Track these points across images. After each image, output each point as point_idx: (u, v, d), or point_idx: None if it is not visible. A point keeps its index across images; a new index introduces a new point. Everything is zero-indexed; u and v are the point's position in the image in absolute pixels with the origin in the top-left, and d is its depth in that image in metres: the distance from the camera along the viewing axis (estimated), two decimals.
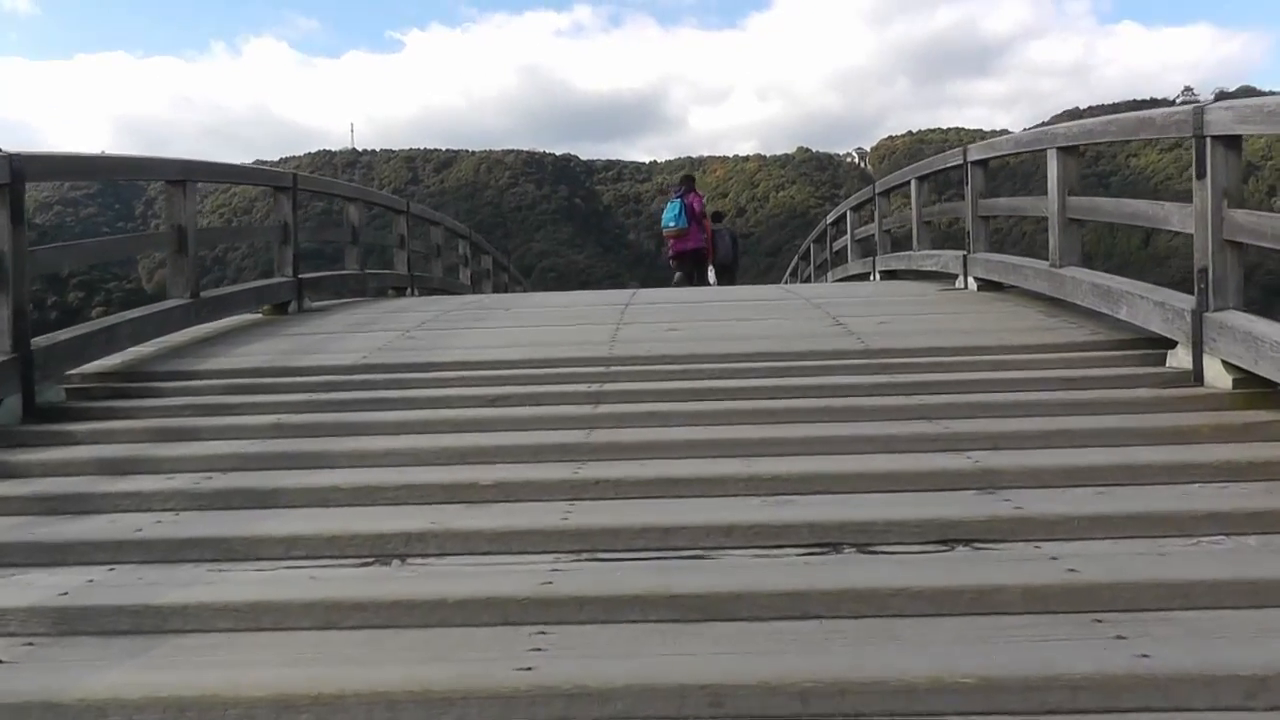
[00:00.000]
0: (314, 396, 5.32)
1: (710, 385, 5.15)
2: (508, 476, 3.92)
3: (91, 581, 3.23)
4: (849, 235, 15.02)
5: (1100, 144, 7.57)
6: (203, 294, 7.41)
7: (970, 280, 8.75)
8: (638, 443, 4.28)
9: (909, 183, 11.26)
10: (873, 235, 13.44)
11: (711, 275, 15.51)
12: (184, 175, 7.17)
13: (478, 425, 4.71)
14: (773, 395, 4.99)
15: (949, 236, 12.69)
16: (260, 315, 8.69)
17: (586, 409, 4.86)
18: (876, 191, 13.08)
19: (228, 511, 3.84)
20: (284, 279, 9.08)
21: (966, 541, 3.20)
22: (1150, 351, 5.42)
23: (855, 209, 15.11)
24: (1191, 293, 5.01)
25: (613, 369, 5.62)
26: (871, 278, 12.75)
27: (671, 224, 14.75)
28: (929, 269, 10.43)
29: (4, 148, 5.31)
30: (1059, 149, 6.83)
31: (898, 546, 3.20)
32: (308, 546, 3.39)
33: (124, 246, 6.96)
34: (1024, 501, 3.46)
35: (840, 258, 16.14)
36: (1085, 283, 6.31)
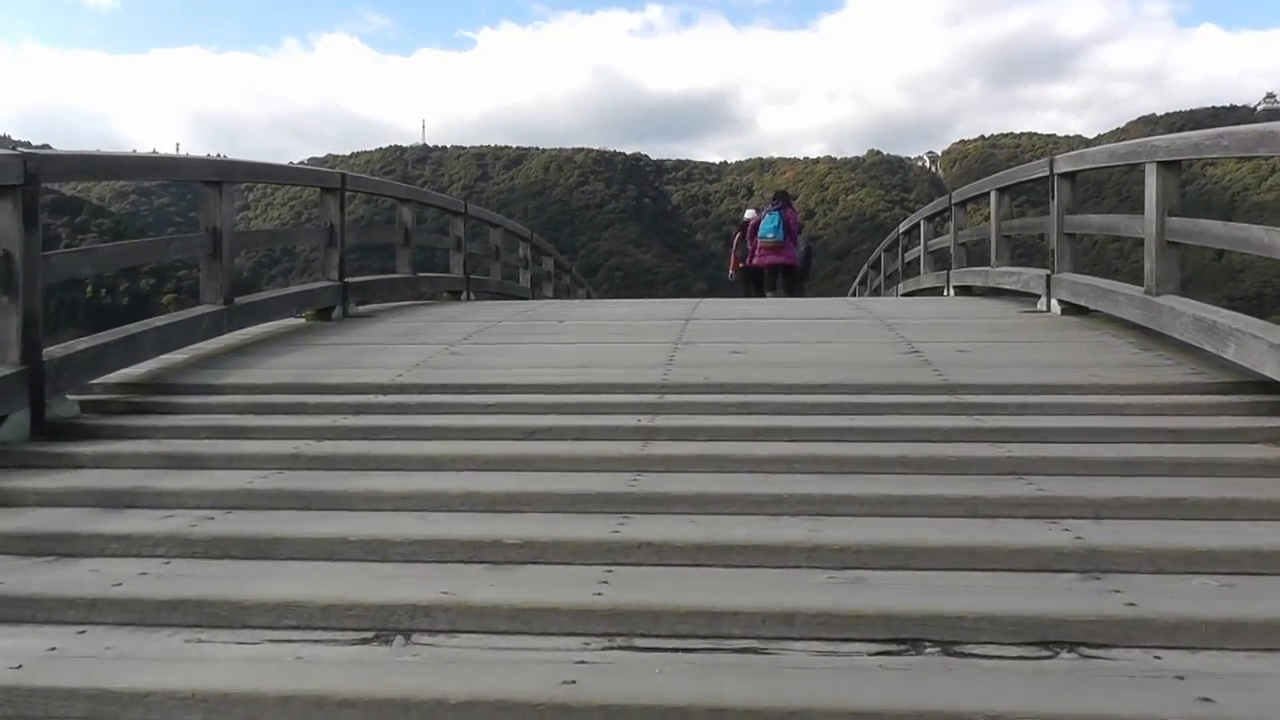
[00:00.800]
0: (339, 421, 4.89)
1: (771, 424, 4.64)
2: (538, 534, 3.45)
3: (53, 650, 2.81)
4: (922, 246, 14.43)
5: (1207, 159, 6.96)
6: (238, 300, 7.03)
7: (1053, 302, 8.16)
8: (688, 495, 3.78)
9: (988, 194, 10.66)
10: (947, 247, 12.85)
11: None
12: (219, 176, 6.80)
13: (512, 463, 4.24)
14: (841, 437, 4.48)
15: (1024, 251, 12.09)
16: (303, 320, 8.33)
17: (634, 447, 4.38)
18: (953, 202, 12.47)
19: (222, 563, 3.41)
20: (329, 283, 8.71)
21: (1071, 646, 2.67)
22: (1263, 399, 4.84)
23: (929, 219, 14.51)
24: None
25: (666, 398, 5.14)
26: (945, 292, 12.16)
27: (770, 235, 15.26)
28: (1008, 287, 9.83)
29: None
30: (1159, 164, 6.24)
31: (989, 648, 2.67)
32: (300, 616, 2.94)
33: (153, 250, 6.58)
34: (1136, 594, 2.91)
35: (912, 269, 15.54)
36: (1186, 315, 5.71)
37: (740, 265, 16.26)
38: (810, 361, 6.02)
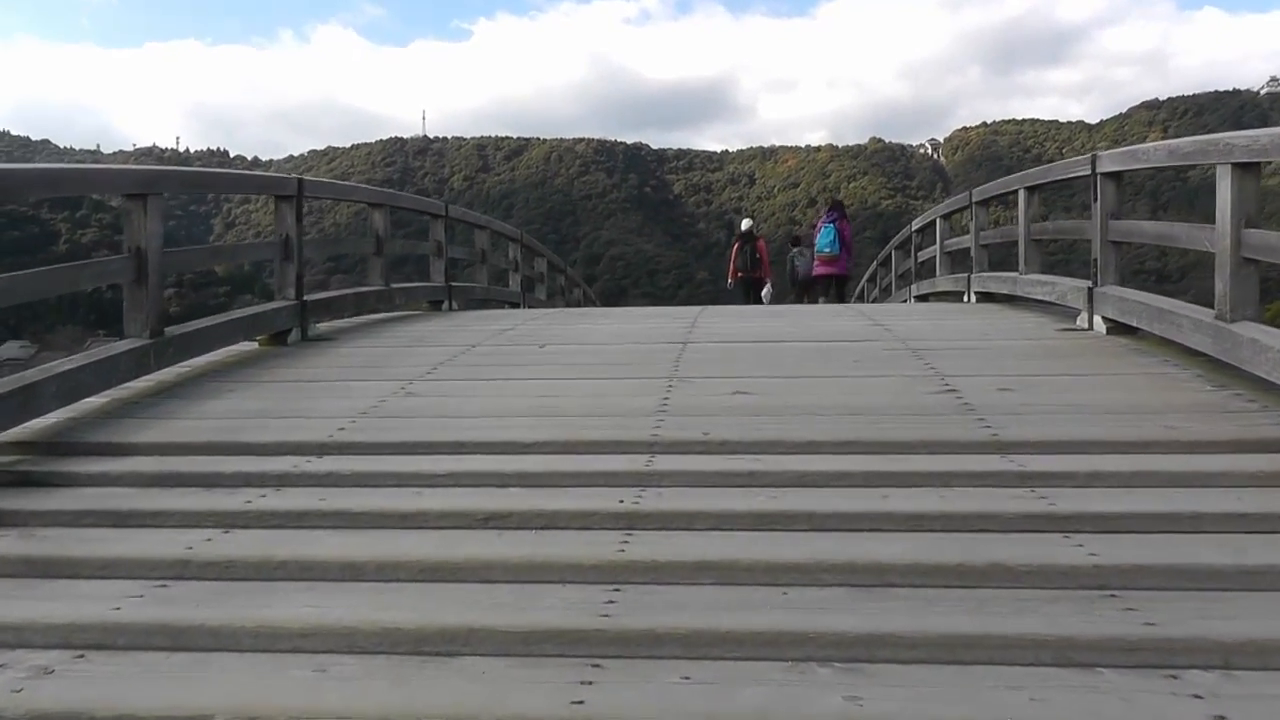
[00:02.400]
0: (252, 502, 3.95)
1: (789, 506, 3.70)
2: (467, 711, 2.51)
3: None
4: (938, 246, 13.48)
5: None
6: (170, 331, 6.11)
7: (1097, 320, 7.22)
8: (680, 633, 2.83)
9: (1016, 192, 9.69)
10: (967, 249, 11.90)
11: (766, 293, 17.07)
12: (143, 188, 5.84)
13: (453, 573, 3.30)
14: (877, 526, 3.55)
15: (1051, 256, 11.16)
16: (255, 346, 7.42)
17: (613, 544, 3.43)
18: (974, 200, 11.49)
19: None
20: (284, 303, 7.77)
21: None
22: None
23: (945, 217, 13.56)
24: None
25: (656, 464, 4.19)
26: (965, 298, 11.22)
27: (826, 250, 16.49)
28: (1039, 298, 8.89)
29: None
30: (1235, 165, 5.29)
31: None
32: None
33: (65, 279, 5.65)
34: None
35: (927, 270, 14.60)
36: (1273, 350, 4.77)
37: (739, 274, 17.27)
38: (829, 407, 5.07)
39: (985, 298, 10.64)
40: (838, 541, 3.42)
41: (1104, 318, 7.10)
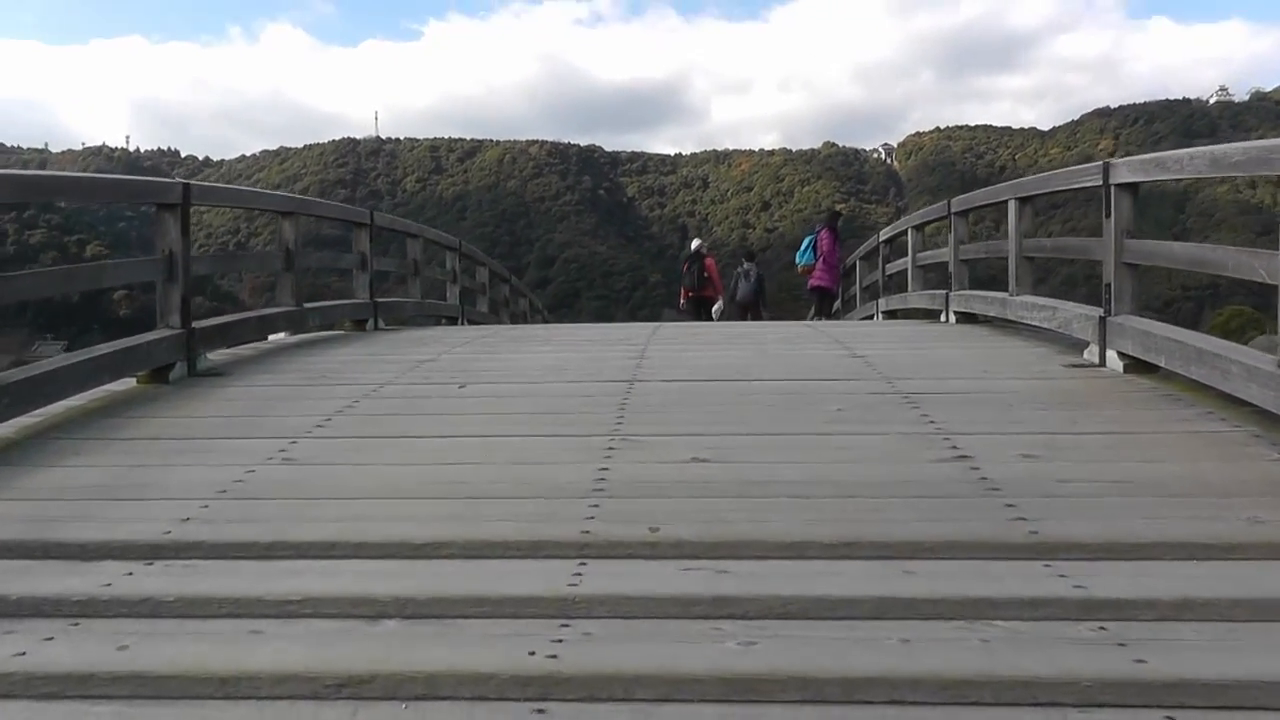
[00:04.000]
0: (31, 653, 2.78)
1: (767, 668, 2.60)
2: None
3: None
4: (910, 259, 12.49)
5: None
6: (5, 377, 4.95)
7: (1110, 354, 6.22)
8: None
9: (1005, 203, 8.68)
10: (944, 263, 10.91)
11: (716, 309, 16.68)
12: None
13: None
14: (898, 696, 2.46)
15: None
16: (132, 384, 6.26)
17: None
18: (953, 210, 10.47)
19: None
20: (167, 332, 6.59)
21: None
22: None
23: (919, 228, 12.56)
24: None
25: (585, 579, 3.08)
26: (943, 317, 10.23)
27: (801, 262, 16.52)
28: (1033, 323, 7.90)
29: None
30: None
31: None
32: None
33: None
34: None
35: (897, 284, 13.62)
36: None
37: (689, 294, 16.95)
38: (814, 483, 3.98)
39: (966, 318, 9.64)
40: None
41: (1120, 353, 6.10)
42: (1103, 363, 6.28)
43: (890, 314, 13.16)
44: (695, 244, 17.93)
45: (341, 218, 10.38)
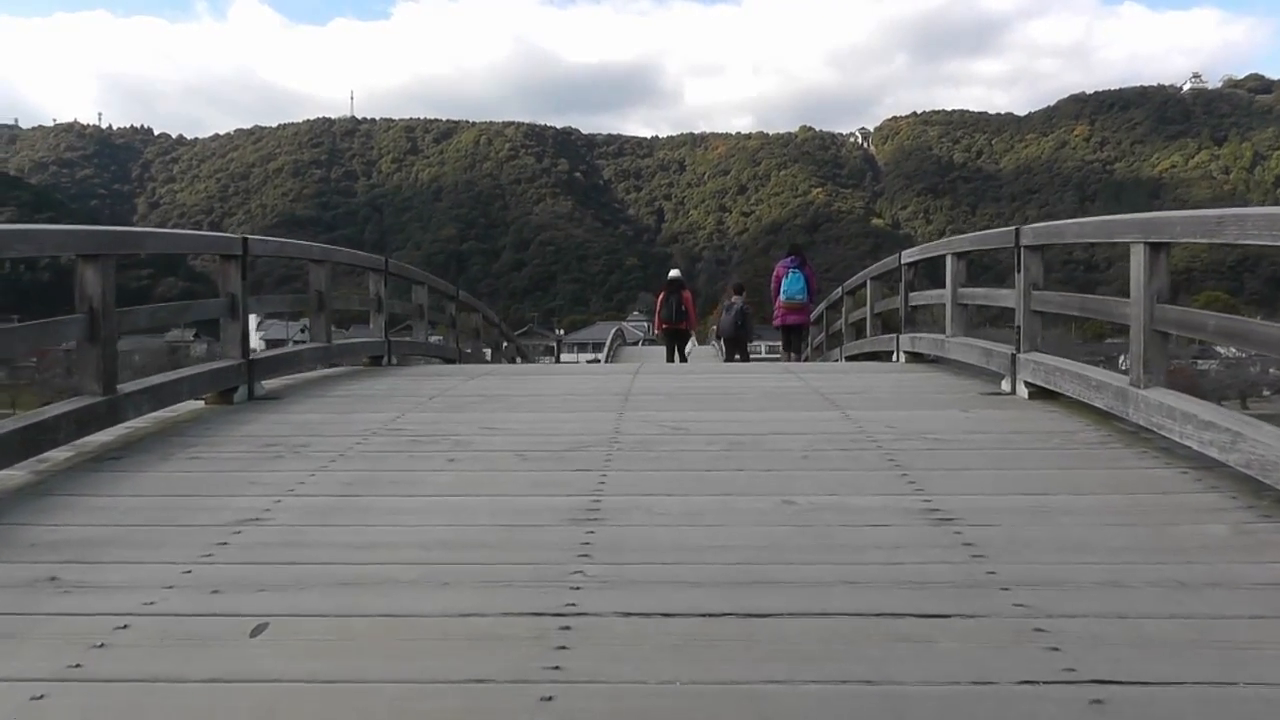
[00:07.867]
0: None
1: None
2: None
3: None
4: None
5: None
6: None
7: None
8: None
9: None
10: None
11: (689, 347, 17.81)
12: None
13: None
14: None
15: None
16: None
17: None
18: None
19: None
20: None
21: None
22: None
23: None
24: None
25: None
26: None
27: (798, 297, 16.46)
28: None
29: None
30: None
31: None
32: None
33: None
34: None
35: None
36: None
37: (665, 325, 17.91)
38: (825, 647, 2.85)
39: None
40: None
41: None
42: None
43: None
44: (675, 273, 18.49)
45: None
